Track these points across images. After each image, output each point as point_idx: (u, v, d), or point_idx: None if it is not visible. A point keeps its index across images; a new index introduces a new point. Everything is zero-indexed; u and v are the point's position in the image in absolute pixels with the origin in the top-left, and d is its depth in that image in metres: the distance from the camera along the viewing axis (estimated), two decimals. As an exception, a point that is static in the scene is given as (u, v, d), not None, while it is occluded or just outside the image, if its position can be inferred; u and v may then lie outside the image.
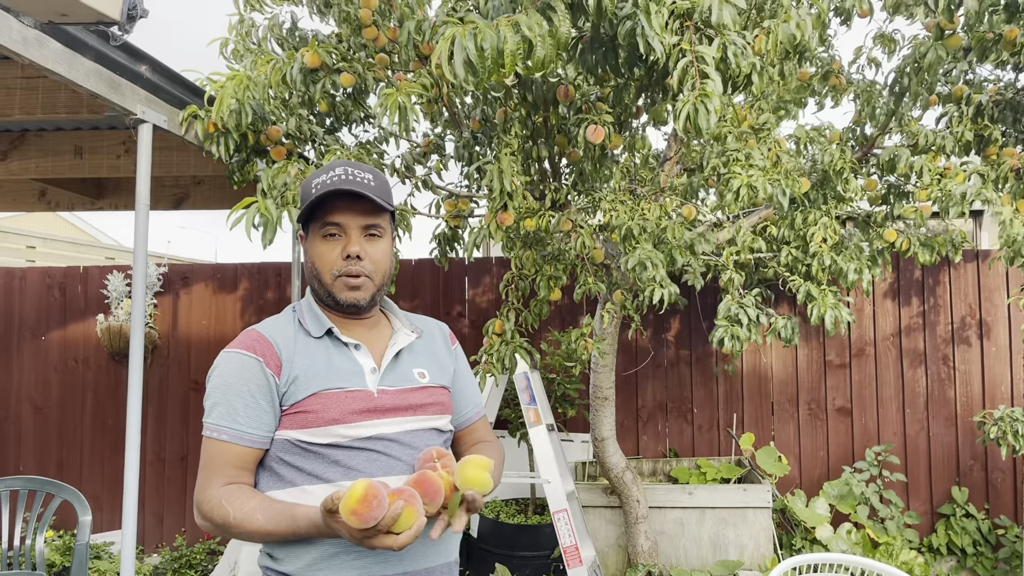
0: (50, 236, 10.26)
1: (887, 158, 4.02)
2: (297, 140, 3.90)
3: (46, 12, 1.88)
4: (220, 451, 1.59)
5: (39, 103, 3.66)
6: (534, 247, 3.96)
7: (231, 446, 1.59)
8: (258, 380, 1.61)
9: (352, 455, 1.61)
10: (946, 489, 5.41)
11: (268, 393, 1.61)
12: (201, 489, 1.59)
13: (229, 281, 5.99)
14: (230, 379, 1.62)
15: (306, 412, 1.61)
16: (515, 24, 2.28)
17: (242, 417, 1.59)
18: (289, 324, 1.72)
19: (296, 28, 4.02)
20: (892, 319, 5.55)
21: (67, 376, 6.01)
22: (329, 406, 1.61)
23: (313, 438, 1.60)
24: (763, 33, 3.02)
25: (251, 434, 1.60)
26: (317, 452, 1.60)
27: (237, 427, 1.59)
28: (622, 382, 5.57)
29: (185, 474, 5.90)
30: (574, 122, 3.60)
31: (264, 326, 1.70)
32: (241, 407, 1.60)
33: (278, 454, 1.62)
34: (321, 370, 1.65)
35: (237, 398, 1.60)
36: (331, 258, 1.69)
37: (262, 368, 1.61)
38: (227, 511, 1.52)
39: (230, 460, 1.59)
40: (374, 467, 1.62)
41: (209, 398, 1.63)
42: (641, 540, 4.57)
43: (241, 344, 1.65)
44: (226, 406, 1.60)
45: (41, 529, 3.79)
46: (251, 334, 1.67)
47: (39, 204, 5.72)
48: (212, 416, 1.61)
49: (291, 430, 1.61)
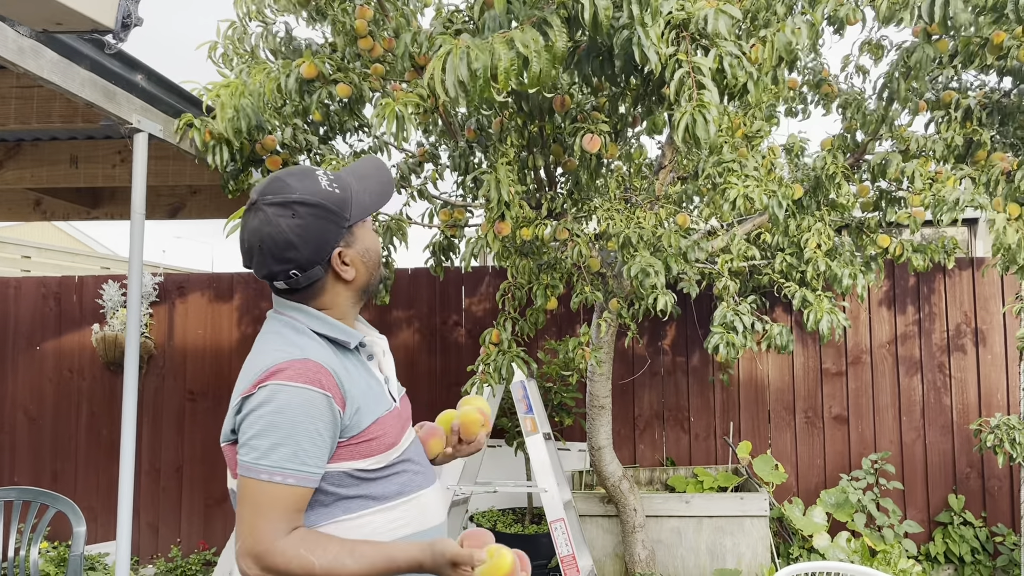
0: (46, 246, 10.25)
1: (878, 162, 4.03)
2: (292, 150, 3.90)
3: (41, 21, 1.88)
4: (285, 495, 1.44)
5: (34, 112, 3.66)
6: (530, 256, 3.96)
7: (298, 489, 1.45)
8: (327, 418, 1.47)
9: (399, 471, 1.58)
10: (943, 497, 5.40)
11: (333, 430, 1.49)
12: (266, 540, 1.43)
13: (225, 290, 5.98)
14: (296, 417, 1.44)
15: (370, 440, 1.53)
16: (509, 41, 2.27)
17: (310, 457, 1.45)
18: (323, 346, 1.56)
19: (292, 38, 4.02)
20: (888, 327, 5.55)
21: (62, 386, 5.99)
22: (388, 430, 1.56)
23: (374, 464, 1.54)
24: (760, 42, 3.04)
25: (316, 473, 1.47)
26: (375, 478, 1.55)
27: (305, 468, 1.45)
28: (619, 391, 5.57)
29: (180, 484, 5.88)
30: (570, 131, 3.61)
31: (315, 354, 1.52)
32: (310, 447, 1.45)
33: (329, 487, 1.51)
34: (369, 394, 1.57)
35: (305, 438, 1.44)
36: (376, 238, 1.69)
37: (331, 405, 1.47)
38: (311, 561, 1.42)
39: (295, 505, 1.46)
40: (420, 480, 1.62)
41: (265, 436, 1.44)
42: (638, 549, 4.56)
43: (303, 377, 1.47)
44: (293, 447, 1.44)
45: (35, 540, 3.77)
46: (309, 365, 1.49)
47: (34, 214, 5.72)
48: (272, 457, 1.44)
49: (352, 460, 1.52)
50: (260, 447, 1.44)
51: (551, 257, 4.01)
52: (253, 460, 1.44)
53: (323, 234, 1.56)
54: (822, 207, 4.28)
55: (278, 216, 1.54)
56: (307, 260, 1.56)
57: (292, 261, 1.55)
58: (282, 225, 1.54)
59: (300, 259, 1.55)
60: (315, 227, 1.55)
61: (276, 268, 1.56)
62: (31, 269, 9.30)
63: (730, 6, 2.72)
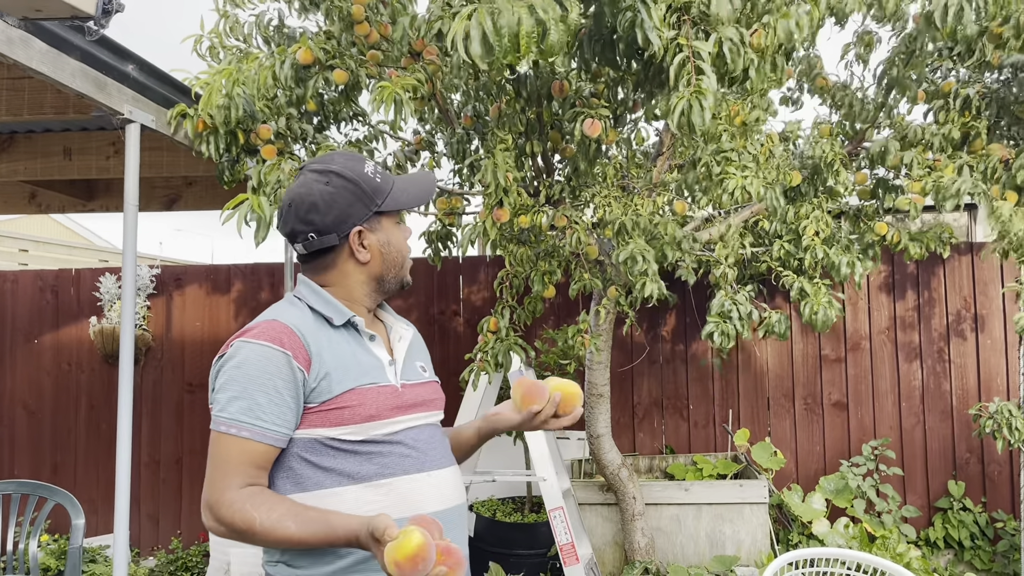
0: (43, 239, 10.24)
1: (877, 149, 4.01)
2: (287, 139, 3.87)
3: (20, 8, 1.86)
4: (239, 449, 1.48)
5: (25, 104, 3.63)
6: (528, 244, 3.94)
7: (252, 443, 1.48)
8: (285, 375, 1.50)
9: (385, 451, 1.58)
10: (943, 483, 5.40)
11: (294, 389, 1.51)
12: (217, 490, 1.47)
13: (222, 282, 5.96)
14: (252, 372, 1.49)
15: (342, 408, 1.54)
16: (530, 7, 2.29)
17: (266, 413, 1.48)
18: (307, 314, 1.61)
19: (284, 26, 3.99)
20: (887, 313, 5.54)
21: (60, 379, 5.98)
22: (366, 402, 1.56)
23: (348, 435, 1.54)
24: (762, 28, 3.01)
25: (275, 431, 1.50)
26: (351, 450, 1.55)
27: (260, 423, 1.48)
28: (617, 379, 5.56)
29: (180, 476, 5.88)
30: (569, 117, 3.59)
31: (285, 316, 1.58)
32: (265, 402, 1.48)
33: (301, 454, 1.54)
34: (351, 365, 1.59)
35: (260, 393, 1.48)
36: (407, 243, 1.74)
37: (290, 362, 1.51)
38: (253, 517, 1.43)
39: (250, 459, 1.49)
40: (408, 463, 1.60)
41: (225, 390, 1.50)
42: (638, 537, 4.56)
43: (265, 335, 1.53)
44: (248, 400, 1.48)
45: (35, 533, 3.76)
46: (275, 325, 1.55)
47: (30, 206, 5.69)
48: (230, 410, 1.49)
49: (322, 428, 1.54)
50: (220, 400, 1.51)
51: (549, 244, 3.99)
52: (215, 413, 1.52)
53: (348, 208, 1.63)
54: (819, 194, 4.26)
55: (313, 180, 1.64)
56: (325, 227, 1.62)
57: (312, 224, 1.62)
58: (314, 189, 1.63)
59: (320, 224, 1.62)
60: (343, 199, 1.63)
61: (297, 227, 1.64)
62: (28, 262, 9.29)
63: (733, -11, 2.70)
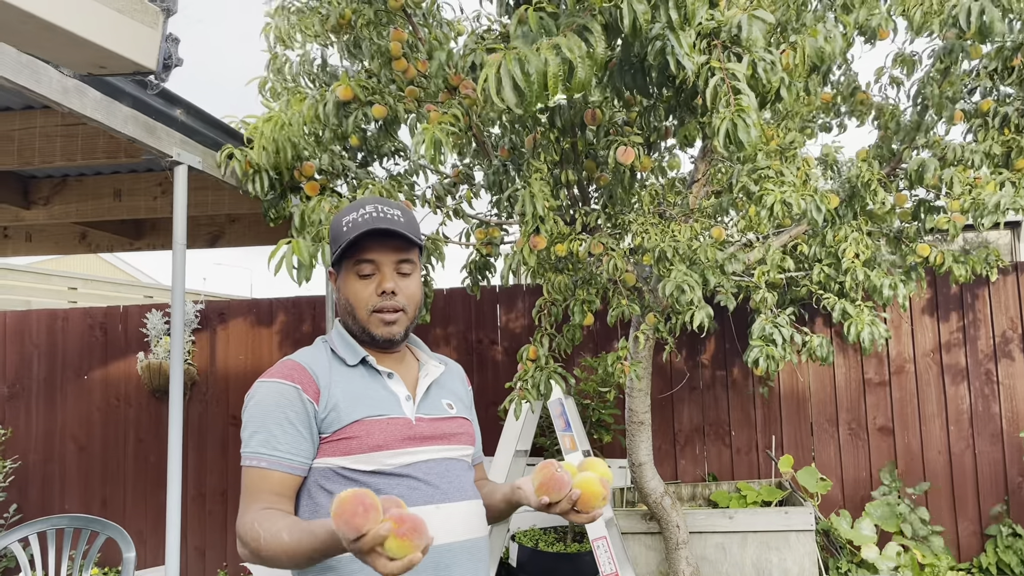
0: (91, 277, 10.48)
1: (915, 167, 3.98)
2: (330, 175, 3.96)
3: (85, 65, 1.95)
4: (259, 478, 1.59)
5: (79, 149, 3.76)
6: (565, 272, 3.97)
7: (270, 472, 1.59)
8: (295, 407, 1.61)
9: (394, 483, 1.61)
10: (994, 507, 5.27)
11: (306, 419, 1.62)
12: (240, 516, 1.58)
13: (265, 316, 6.07)
14: (267, 406, 1.62)
15: (349, 439, 1.61)
16: (555, 46, 2.33)
17: (280, 443, 1.60)
18: (322, 353, 1.73)
19: (327, 64, 4.10)
20: (931, 335, 5.46)
21: (109, 414, 6.11)
22: (373, 432, 1.62)
23: (357, 464, 1.60)
24: (790, 48, 3.03)
25: (289, 459, 1.60)
26: (364, 481, 1.60)
27: (275, 453, 1.59)
28: (658, 406, 5.53)
29: (226, 508, 5.95)
30: (603, 145, 3.63)
31: (299, 355, 1.72)
32: (279, 433, 1.60)
33: (319, 483, 1.62)
34: (362, 398, 1.66)
35: (275, 425, 1.60)
36: (366, 295, 1.71)
37: (299, 395, 1.62)
38: (258, 532, 1.51)
39: (269, 487, 1.59)
40: (416, 496, 1.61)
41: (247, 428, 1.63)
42: (682, 566, 4.51)
43: (277, 373, 1.66)
44: (264, 434, 1.60)
45: (87, 567, 3.84)
46: (287, 363, 1.69)
47: (80, 246, 5.86)
48: (250, 445, 1.61)
49: (334, 457, 1.61)
50: (244, 438, 1.64)
51: (586, 272, 4.02)
52: (242, 450, 1.64)
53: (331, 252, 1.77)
54: (858, 216, 4.23)
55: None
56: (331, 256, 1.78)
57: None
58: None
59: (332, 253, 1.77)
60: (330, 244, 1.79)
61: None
62: (78, 300, 9.52)
63: (763, 11, 2.73)
